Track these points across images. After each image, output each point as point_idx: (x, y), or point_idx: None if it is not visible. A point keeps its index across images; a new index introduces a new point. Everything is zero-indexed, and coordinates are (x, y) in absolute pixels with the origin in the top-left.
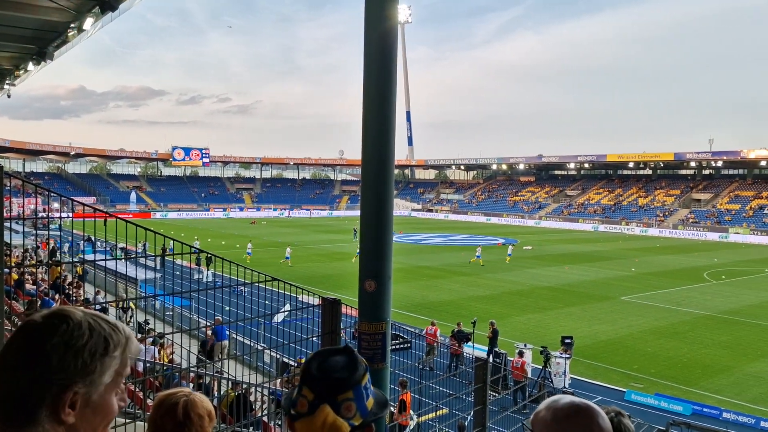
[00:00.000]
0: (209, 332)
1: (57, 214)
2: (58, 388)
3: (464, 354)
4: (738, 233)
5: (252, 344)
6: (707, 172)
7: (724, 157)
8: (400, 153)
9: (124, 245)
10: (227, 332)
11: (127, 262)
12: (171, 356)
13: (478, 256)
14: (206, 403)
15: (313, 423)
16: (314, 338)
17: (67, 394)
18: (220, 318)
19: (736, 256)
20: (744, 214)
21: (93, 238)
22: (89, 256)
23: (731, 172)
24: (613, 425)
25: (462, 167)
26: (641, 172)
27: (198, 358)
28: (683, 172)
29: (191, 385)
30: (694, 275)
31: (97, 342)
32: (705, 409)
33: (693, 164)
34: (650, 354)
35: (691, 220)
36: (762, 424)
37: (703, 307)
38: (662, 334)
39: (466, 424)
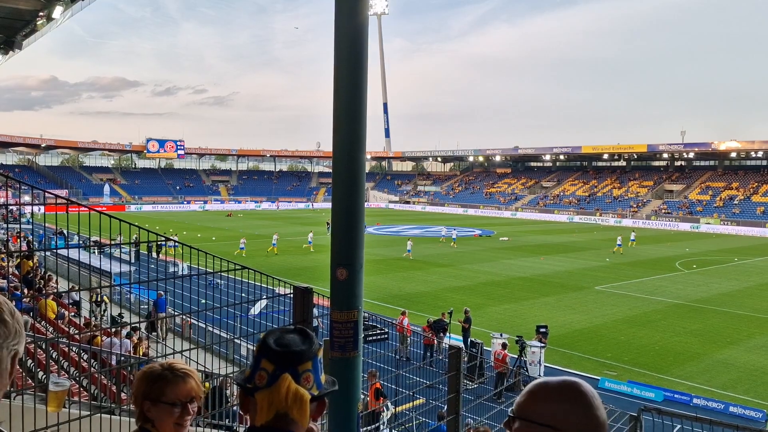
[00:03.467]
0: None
1: (28, 208)
2: None
3: (442, 344)
4: (709, 223)
5: (228, 336)
6: (679, 163)
7: (696, 149)
8: (377, 145)
9: (98, 238)
10: (167, 307)
11: (101, 256)
12: (147, 349)
13: (632, 239)
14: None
15: (276, 392)
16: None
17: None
18: (161, 293)
19: (707, 245)
20: (715, 205)
21: (65, 232)
22: (60, 250)
23: (702, 163)
24: None
25: (439, 159)
26: (615, 163)
27: (146, 333)
28: (656, 163)
29: None
30: (666, 265)
31: None
32: (676, 396)
33: (666, 156)
34: (624, 342)
35: (663, 211)
36: (731, 409)
37: (675, 296)
38: (635, 322)
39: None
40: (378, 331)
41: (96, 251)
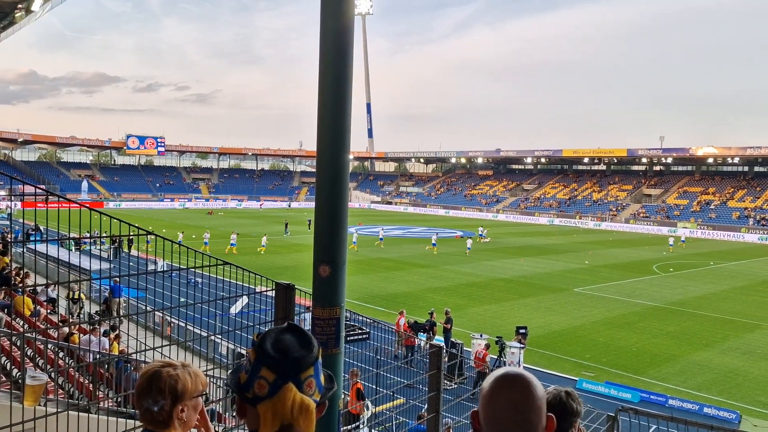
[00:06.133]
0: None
1: (3, 204)
2: None
3: (420, 344)
4: (686, 227)
5: (205, 334)
6: (658, 168)
7: (674, 154)
8: (360, 145)
9: (77, 234)
10: (122, 292)
11: (79, 253)
12: (125, 348)
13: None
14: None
15: (280, 403)
16: (267, 324)
17: None
18: (117, 279)
19: (683, 249)
20: (692, 209)
21: (42, 227)
22: (37, 248)
23: (680, 168)
24: (562, 403)
25: (421, 160)
26: (596, 167)
27: (98, 313)
28: (635, 167)
29: None
30: (644, 268)
31: None
32: (652, 397)
33: (645, 160)
34: (602, 344)
35: (642, 215)
36: (705, 410)
37: (653, 298)
38: (613, 324)
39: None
40: (358, 331)
41: (74, 248)
